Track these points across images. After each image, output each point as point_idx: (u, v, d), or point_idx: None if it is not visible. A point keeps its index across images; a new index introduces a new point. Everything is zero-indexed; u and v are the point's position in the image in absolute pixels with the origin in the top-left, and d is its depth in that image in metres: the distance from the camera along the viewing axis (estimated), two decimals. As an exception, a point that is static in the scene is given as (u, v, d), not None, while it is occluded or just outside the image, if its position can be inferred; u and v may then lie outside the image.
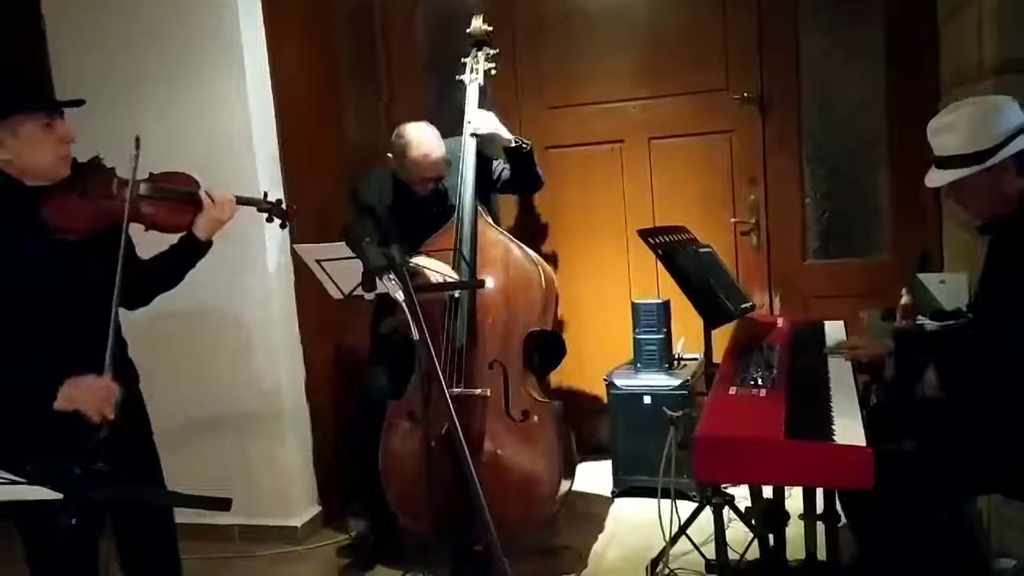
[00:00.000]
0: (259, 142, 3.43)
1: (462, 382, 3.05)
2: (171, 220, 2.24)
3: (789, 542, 2.59)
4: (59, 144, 2.08)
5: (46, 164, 2.07)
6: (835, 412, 2.01)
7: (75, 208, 2.08)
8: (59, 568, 2.16)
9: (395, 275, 1.78)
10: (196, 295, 3.33)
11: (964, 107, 2.16)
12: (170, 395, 3.38)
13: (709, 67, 3.89)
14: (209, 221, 2.27)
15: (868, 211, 3.89)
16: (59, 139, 2.08)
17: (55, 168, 2.09)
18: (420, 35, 4.27)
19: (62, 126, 2.09)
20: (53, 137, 2.06)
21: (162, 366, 3.31)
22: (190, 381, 3.53)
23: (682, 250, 2.85)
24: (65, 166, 2.11)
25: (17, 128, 2.03)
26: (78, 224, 2.08)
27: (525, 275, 3.12)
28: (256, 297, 3.48)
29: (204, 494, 1.58)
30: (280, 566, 3.39)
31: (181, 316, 3.43)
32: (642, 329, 3.68)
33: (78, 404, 1.98)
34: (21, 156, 2.05)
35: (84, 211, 2.09)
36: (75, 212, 2.08)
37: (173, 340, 3.50)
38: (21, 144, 2.04)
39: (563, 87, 4.09)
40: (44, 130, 2.05)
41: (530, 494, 3.01)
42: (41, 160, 2.07)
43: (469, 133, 3.21)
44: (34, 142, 2.04)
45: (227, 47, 3.38)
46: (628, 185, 4.07)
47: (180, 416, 3.51)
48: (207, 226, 2.28)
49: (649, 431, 3.48)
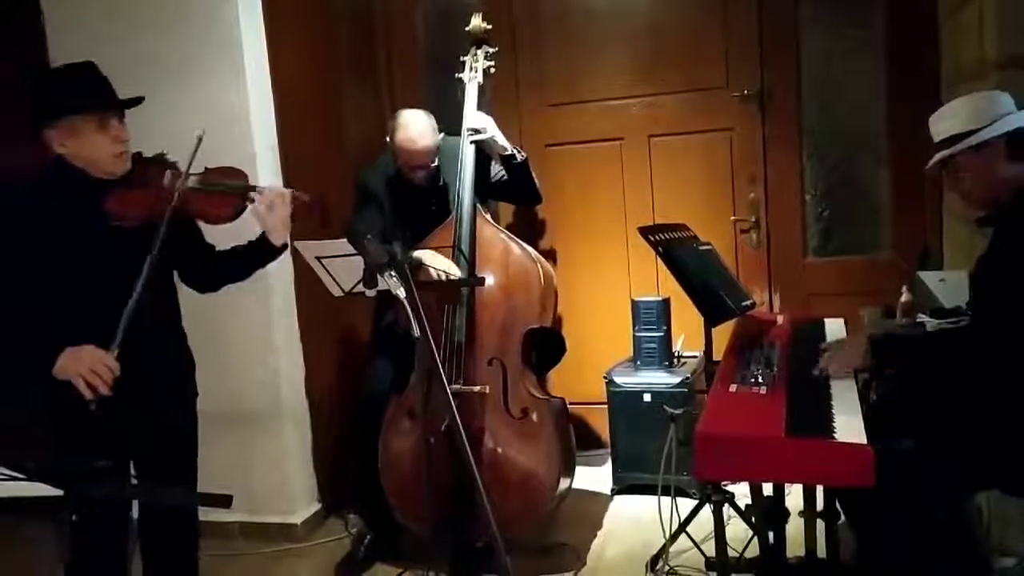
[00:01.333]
0: (258, 139, 3.42)
1: (461, 379, 3.05)
2: (214, 212, 2.31)
3: (789, 539, 2.59)
4: (114, 143, 2.17)
5: (103, 162, 2.16)
6: (835, 410, 2.01)
7: (133, 199, 2.18)
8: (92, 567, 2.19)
9: (396, 272, 1.78)
10: (193, 291, 3.34)
11: (960, 98, 2.25)
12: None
13: (709, 64, 3.89)
14: (274, 223, 2.32)
15: (868, 208, 3.89)
16: (113, 138, 2.16)
17: (111, 165, 2.18)
18: (420, 32, 4.26)
19: (116, 126, 2.18)
20: (108, 136, 2.16)
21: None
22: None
23: (682, 247, 2.85)
24: (122, 163, 2.20)
25: (73, 128, 2.13)
26: (135, 215, 2.16)
27: (524, 272, 3.12)
28: (256, 294, 3.47)
29: (205, 491, 1.58)
30: (280, 563, 3.39)
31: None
32: (642, 327, 3.67)
33: (69, 374, 2.02)
34: (80, 154, 2.15)
35: (140, 202, 2.18)
36: (133, 203, 2.17)
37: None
38: (79, 143, 2.14)
39: (563, 84, 4.09)
40: (98, 130, 2.14)
41: (529, 491, 3.01)
42: (98, 158, 2.16)
43: (468, 138, 3.20)
44: (90, 141, 2.14)
45: (227, 44, 3.37)
46: (628, 183, 4.07)
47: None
48: (273, 228, 2.33)
49: (649, 429, 3.48)
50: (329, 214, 2.55)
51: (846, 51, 3.81)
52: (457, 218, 3.15)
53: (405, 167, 3.22)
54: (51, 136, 2.14)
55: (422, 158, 3.18)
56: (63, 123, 2.13)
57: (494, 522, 1.57)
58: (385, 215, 3.25)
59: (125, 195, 2.17)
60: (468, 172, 3.18)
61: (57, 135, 2.14)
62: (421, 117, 3.20)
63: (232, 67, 3.37)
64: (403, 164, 3.22)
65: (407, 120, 3.18)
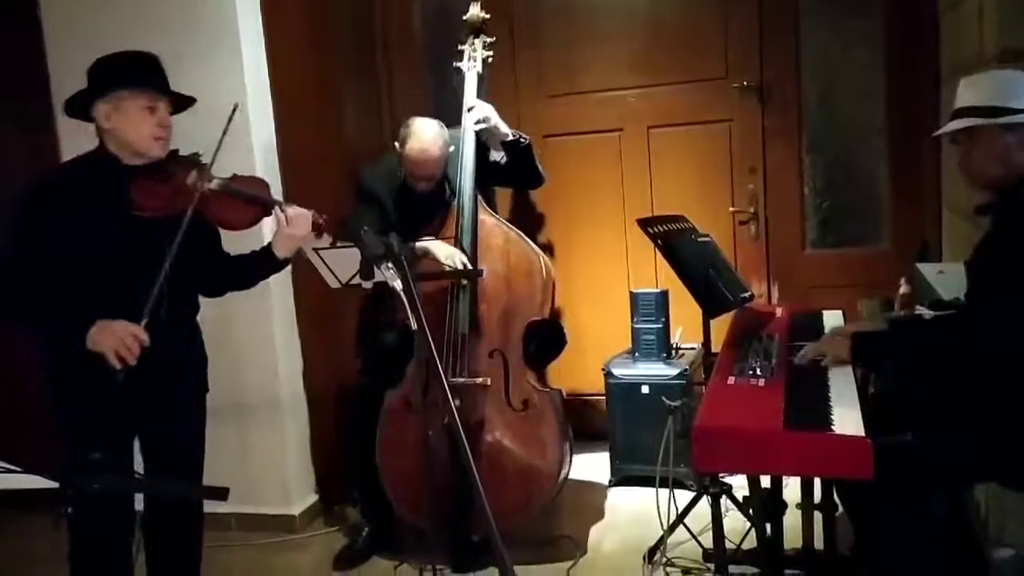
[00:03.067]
0: (256, 134, 3.41)
1: (464, 371, 3.04)
2: (232, 218, 2.34)
3: (786, 531, 2.59)
4: (157, 127, 2.24)
5: (141, 142, 2.23)
6: (833, 402, 2.01)
7: (156, 191, 2.23)
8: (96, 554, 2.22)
9: (393, 263, 1.77)
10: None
11: (996, 71, 2.21)
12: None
13: (709, 55, 3.88)
14: (284, 239, 2.39)
15: (867, 201, 3.89)
16: (158, 122, 2.25)
17: (149, 148, 2.25)
18: (418, 24, 4.24)
19: (163, 113, 2.26)
20: (153, 119, 2.24)
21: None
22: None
23: (681, 239, 2.84)
24: (159, 148, 2.27)
25: (121, 104, 2.21)
26: (154, 206, 2.21)
27: (526, 264, 3.12)
28: (254, 287, 3.47)
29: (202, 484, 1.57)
30: (278, 555, 3.39)
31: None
32: (640, 318, 3.67)
33: (102, 346, 2.09)
34: (121, 131, 2.23)
35: (161, 195, 2.23)
36: (153, 194, 2.22)
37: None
38: (122, 119, 2.22)
39: (562, 75, 4.07)
40: (144, 111, 2.23)
41: (529, 483, 3.02)
42: (138, 138, 2.23)
43: (470, 123, 3.19)
44: (134, 120, 2.22)
45: (225, 38, 3.36)
46: (627, 174, 4.06)
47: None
48: (283, 243, 2.40)
49: (647, 420, 3.48)
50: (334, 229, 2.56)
51: (846, 43, 3.79)
52: (458, 208, 3.14)
53: (411, 176, 3.17)
54: (99, 111, 2.22)
55: (431, 168, 3.14)
56: (114, 96, 2.21)
57: (491, 515, 1.57)
58: (384, 218, 3.17)
59: (149, 186, 2.23)
60: (469, 162, 3.17)
61: (107, 108, 2.21)
62: (433, 127, 3.14)
63: (230, 61, 3.36)
64: (410, 173, 3.17)
65: (419, 128, 3.13)
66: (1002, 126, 2.07)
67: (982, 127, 2.09)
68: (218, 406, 3.53)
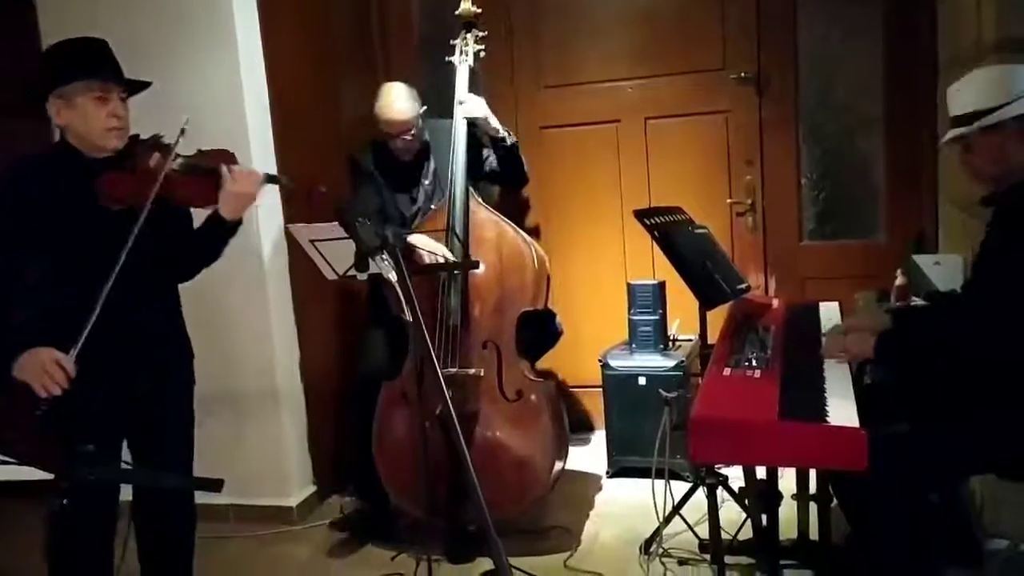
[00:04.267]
0: (252, 121, 3.40)
1: (456, 362, 3.05)
2: (196, 196, 2.28)
3: (782, 522, 2.59)
4: (109, 118, 2.17)
5: (94, 135, 2.17)
6: (829, 393, 2.02)
7: (121, 182, 2.17)
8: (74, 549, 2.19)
9: (388, 256, 1.77)
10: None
11: (980, 71, 2.21)
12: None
13: (706, 46, 3.87)
14: (229, 197, 2.27)
15: (864, 192, 3.88)
16: (109, 113, 2.17)
17: (103, 139, 2.19)
18: (416, 16, 4.24)
19: (116, 103, 2.19)
20: (105, 111, 2.17)
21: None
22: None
23: (678, 231, 2.84)
24: (115, 139, 2.20)
25: (73, 98, 2.15)
26: (121, 197, 2.16)
27: (518, 255, 3.12)
28: (250, 277, 3.47)
29: (196, 475, 1.57)
30: (275, 546, 3.40)
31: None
32: (637, 310, 3.67)
33: (25, 376, 2.02)
34: (74, 125, 2.17)
35: (127, 184, 2.17)
36: (120, 186, 2.16)
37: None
38: (73, 114, 2.16)
39: (559, 66, 4.06)
40: (97, 103, 2.16)
41: (523, 474, 3.02)
42: (90, 131, 2.17)
43: (461, 116, 3.21)
44: (86, 114, 2.15)
45: (221, 28, 3.34)
46: (624, 165, 4.05)
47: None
48: (228, 202, 2.28)
49: (643, 412, 3.47)
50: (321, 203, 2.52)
51: (844, 33, 3.79)
52: (450, 200, 3.15)
53: (388, 138, 3.28)
54: (52, 106, 2.17)
55: (397, 126, 3.23)
56: (64, 91, 2.15)
57: (486, 505, 1.57)
58: (381, 192, 3.31)
59: (113, 177, 2.16)
60: (460, 152, 3.18)
61: (58, 103, 2.16)
62: (398, 87, 3.28)
63: (226, 54, 3.34)
64: (385, 134, 3.28)
65: (384, 90, 3.28)
66: (987, 127, 2.09)
67: (970, 134, 2.12)
68: (215, 398, 3.55)
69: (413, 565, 2.92)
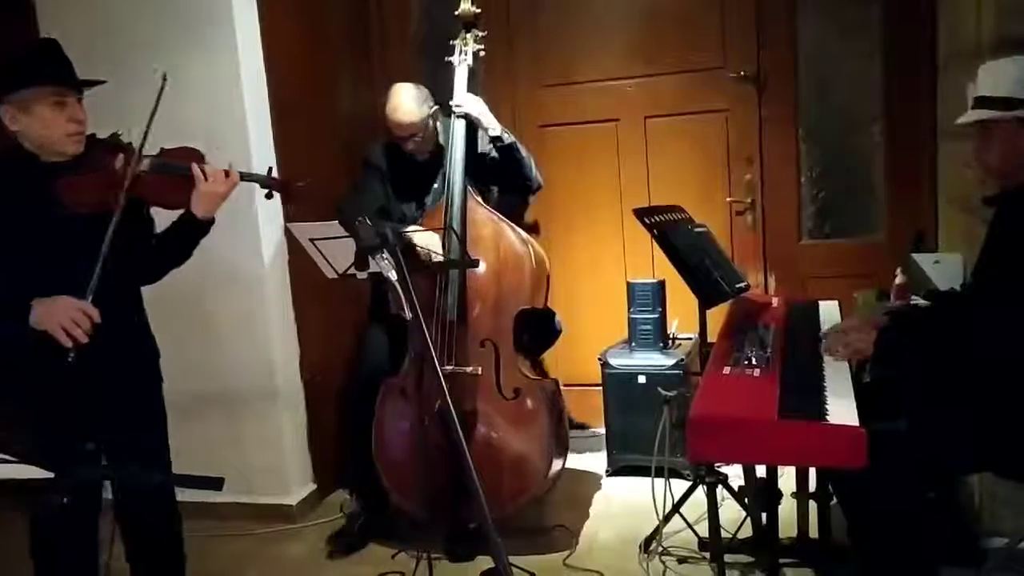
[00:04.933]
0: (252, 116, 3.40)
1: (454, 360, 3.05)
2: (169, 197, 2.25)
3: (781, 520, 2.59)
4: (69, 123, 2.12)
5: (54, 141, 2.12)
6: (828, 392, 2.02)
7: (84, 186, 2.11)
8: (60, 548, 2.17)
9: (388, 254, 1.77)
10: (188, 273, 3.30)
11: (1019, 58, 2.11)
12: (163, 373, 3.38)
13: (706, 45, 3.87)
14: (203, 196, 2.25)
15: (864, 191, 3.88)
16: (69, 118, 2.12)
17: (63, 146, 2.13)
18: (415, 14, 4.23)
19: (73, 106, 2.13)
20: (63, 116, 2.11)
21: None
22: (184, 359, 3.49)
23: (677, 229, 2.84)
24: (74, 144, 2.15)
25: (29, 104, 2.09)
26: (86, 201, 2.10)
27: (515, 255, 3.12)
28: (250, 274, 3.47)
29: (196, 473, 1.57)
30: (275, 544, 3.40)
31: (173, 294, 3.39)
32: (637, 308, 3.67)
33: (47, 325, 1.99)
34: (31, 131, 2.11)
35: (91, 188, 2.12)
36: (84, 189, 2.11)
37: (164, 319, 3.47)
38: (30, 120, 2.11)
39: (558, 65, 4.06)
40: (54, 108, 2.10)
41: (522, 472, 3.02)
42: (50, 137, 2.11)
43: (453, 113, 3.22)
44: (44, 119, 2.10)
45: (220, 22, 3.34)
46: (623, 164, 4.05)
47: (174, 394, 3.46)
48: (202, 201, 2.26)
49: (643, 410, 3.48)
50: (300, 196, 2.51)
51: (843, 32, 3.78)
52: (448, 198, 3.15)
53: (397, 139, 3.26)
54: (6, 112, 2.11)
55: (405, 129, 3.21)
56: (19, 97, 2.09)
57: (485, 504, 1.57)
58: (386, 187, 3.32)
59: (75, 181, 2.11)
60: (458, 152, 3.18)
61: (11, 110, 2.10)
62: (407, 89, 3.24)
63: (225, 50, 3.34)
64: (394, 137, 3.26)
65: (393, 91, 3.25)
66: (1018, 119, 2.02)
67: (1000, 121, 2.04)
68: (214, 395, 3.56)
69: (413, 563, 2.92)
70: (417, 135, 3.23)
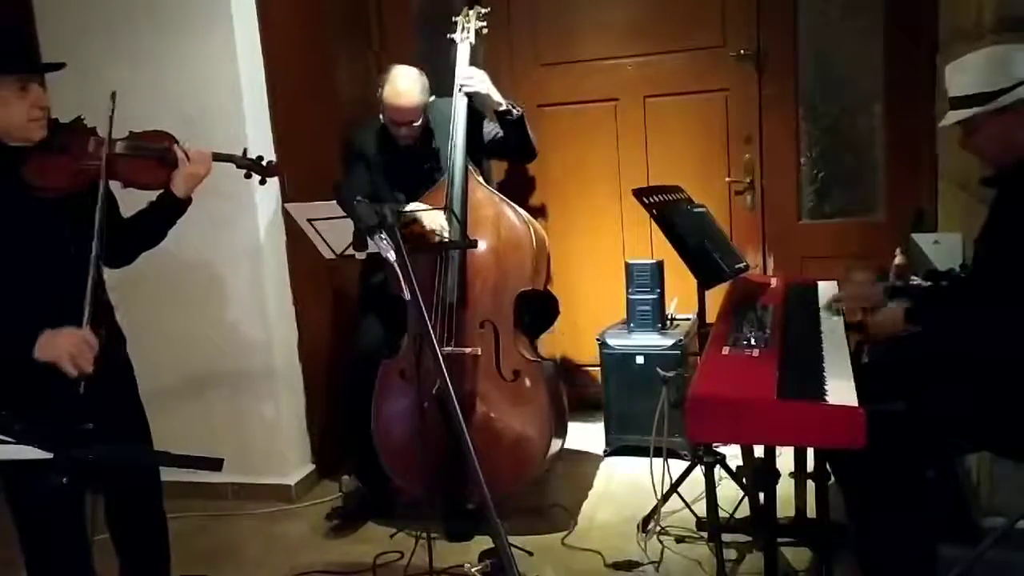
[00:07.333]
0: (248, 96, 3.38)
1: (453, 341, 3.05)
2: (147, 177, 2.26)
3: (779, 500, 2.59)
4: (32, 108, 2.09)
5: (18, 127, 2.08)
6: (827, 372, 2.01)
7: (54, 168, 2.10)
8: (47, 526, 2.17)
9: (387, 234, 1.76)
10: (186, 254, 3.32)
11: (980, 52, 2.17)
12: (162, 355, 3.38)
13: (706, 24, 3.84)
14: (185, 177, 2.28)
15: (863, 171, 3.87)
16: (32, 103, 2.09)
17: (27, 131, 2.10)
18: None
19: (37, 91, 2.10)
20: (26, 101, 2.08)
21: (153, 326, 3.31)
22: (182, 341, 3.53)
23: (676, 210, 2.83)
24: (38, 130, 2.12)
25: None
26: (57, 183, 2.10)
27: (516, 235, 3.11)
28: (248, 255, 3.46)
29: (196, 454, 1.57)
30: (274, 524, 3.41)
31: (172, 275, 3.41)
32: (635, 289, 3.67)
33: (53, 356, 1.99)
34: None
35: (62, 170, 2.11)
36: (54, 172, 2.10)
37: (164, 299, 3.48)
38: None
39: (557, 43, 4.03)
40: (17, 93, 2.06)
41: (521, 453, 3.03)
42: (13, 123, 2.08)
43: (460, 90, 3.17)
44: (7, 105, 2.06)
45: (216, 10, 3.30)
46: (622, 144, 4.04)
47: (172, 376, 3.51)
48: (183, 182, 2.28)
49: (641, 391, 3.49)
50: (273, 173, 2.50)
51: (844, 11, 3.76)
52: (449, 178, 3.13)
53: (390, 123, 3.21)
54: None
55: (406, 115, 3.17)
56: None
57: (484, 484, 1.57)
58: (373, 174, 3.25)
59: (45, 163, 2.10)
60: (460, 131, 3.15)
61: None
62: (410, 73, 3.18)
63: (220, 21, 3.31)
64: (388, 120, 3.21)
65: (395, 75, 3.17)
66: (995, 111, 2.06)
67: (977, 116, 2.09)
68: (214, 377, 3.56)
69: (412, 543, 2.92)
70: (416, 120, 3.20)
